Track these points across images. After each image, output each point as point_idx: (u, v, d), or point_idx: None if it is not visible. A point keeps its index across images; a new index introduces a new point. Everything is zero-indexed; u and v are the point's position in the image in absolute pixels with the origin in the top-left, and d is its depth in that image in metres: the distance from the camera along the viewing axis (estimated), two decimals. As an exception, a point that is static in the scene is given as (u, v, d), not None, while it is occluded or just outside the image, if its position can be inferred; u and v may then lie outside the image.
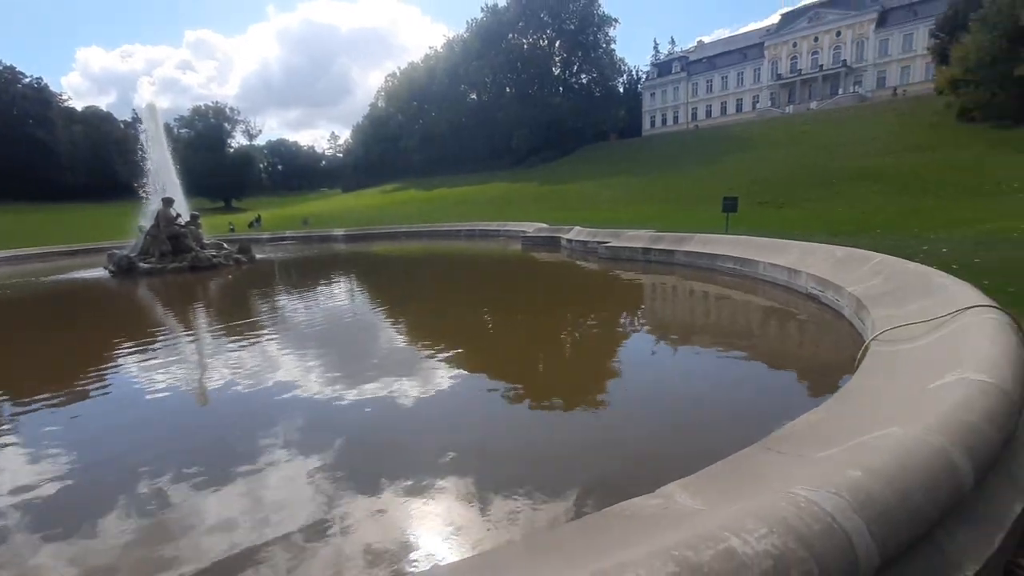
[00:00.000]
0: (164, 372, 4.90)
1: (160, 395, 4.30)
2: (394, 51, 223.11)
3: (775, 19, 66.61)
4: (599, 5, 69.48)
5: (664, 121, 76.04)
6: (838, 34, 58.59)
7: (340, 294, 10.12)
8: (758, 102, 65.29)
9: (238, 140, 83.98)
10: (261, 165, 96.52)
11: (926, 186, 19.49)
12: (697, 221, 16.60)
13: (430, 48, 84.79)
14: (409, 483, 2.61)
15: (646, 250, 10.68)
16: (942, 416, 1.80)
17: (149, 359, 5.42)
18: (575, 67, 73.04)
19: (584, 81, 72.57)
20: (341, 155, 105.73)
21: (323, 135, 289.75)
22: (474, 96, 77.78)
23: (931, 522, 1.50)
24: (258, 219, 42.47)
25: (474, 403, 3.93)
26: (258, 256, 17.56)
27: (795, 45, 62.01)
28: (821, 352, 4.96)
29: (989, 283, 5.77)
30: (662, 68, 77.43)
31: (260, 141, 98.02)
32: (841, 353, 4.27)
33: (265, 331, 6.55)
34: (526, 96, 68.52)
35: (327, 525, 2.30)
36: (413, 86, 79.80)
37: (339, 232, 28.61)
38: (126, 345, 6.10)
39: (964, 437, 1.73)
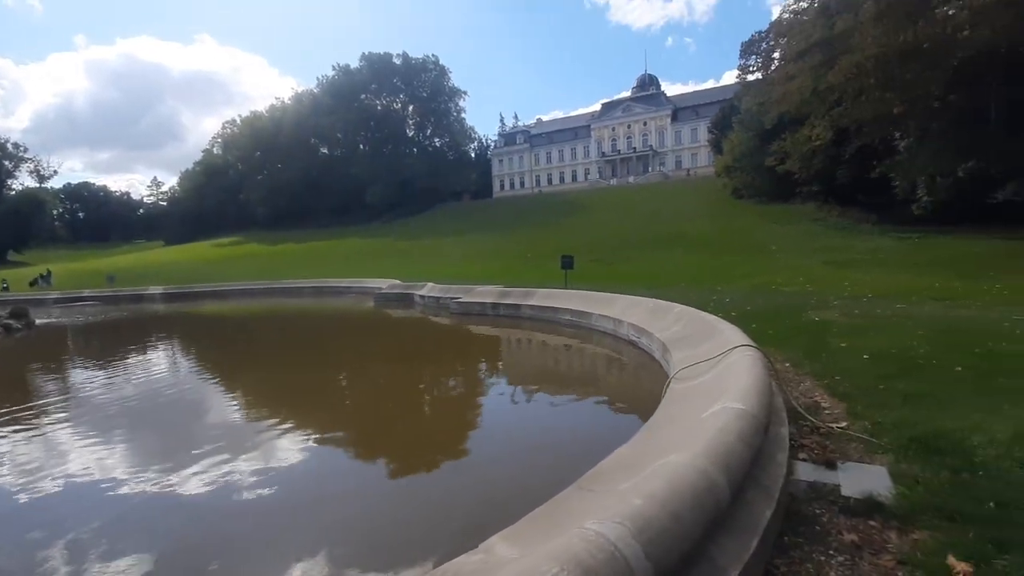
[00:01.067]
0: None
1: None
2: (235, 99, 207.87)
3: (598, 107, 78.31)
4: (449, 78, 74.31)
5: (512, 185, 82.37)
6: (645, 124, 71.14)
7: (154, 365, 8.61)
8: (589, 174, 74.91)
9: (23, 181, 69.25)
10: (55, 211, 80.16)
11: (717, 248, 24.00)
12: (541, 275, 17.94)
13: (277, 99, 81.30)
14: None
15: (495, 305, 11.18)
16: (707, 441, 2.19)
17: None
18: (428, 131, 76.03)
19: (438, 144, 75.67)
20: (165, 203, 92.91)
21: (142, 180, 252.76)
22: (326, 150, 75.72)
23: (699, 536, 1.77)
24: (46, 275, 34.55)
25: (323, 486, 3.59)
26: (41, 321, 14.22)
27: (614, 130, 73.51)
28: (639, 391, 5.65)
29: (756, 326, 7.24)
30: (508, 138, 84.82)
31: (56, 183, 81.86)
32: (654, 391, 4.91)
33: (41, 417, 5.25)
34: (380, 154, 68.90)
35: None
36: (257, 136, 74.84)
37: (156, 291, 24.59)
38: None
39: (722, 457, 2.12)
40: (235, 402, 5.98)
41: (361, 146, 72.16)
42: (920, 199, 19.57)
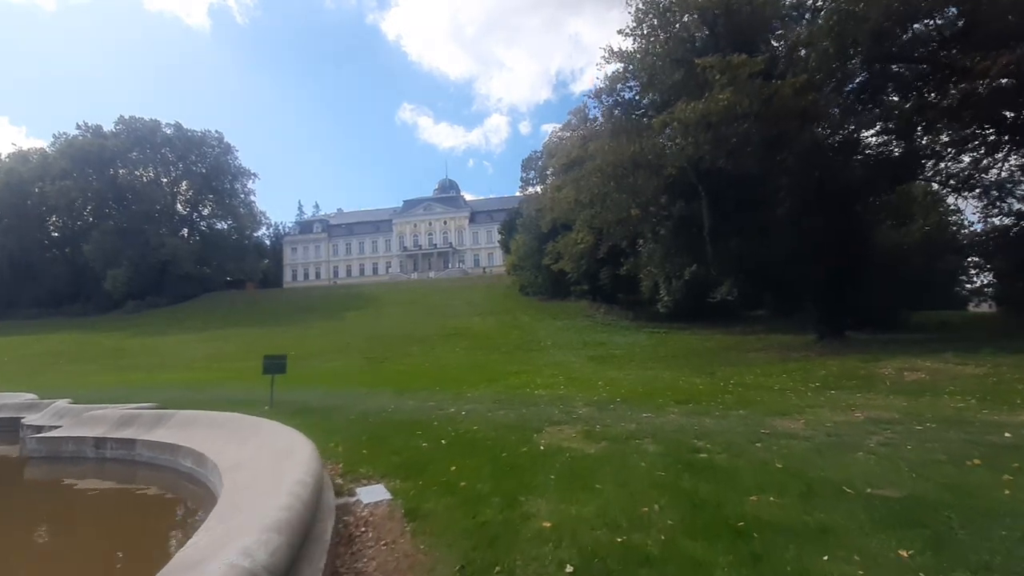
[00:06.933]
0: None
1: None
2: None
3: (400, 204, 78.62)
4: (236, 157, 66.59)
5: (306, 275, 75.30)
6: (445, 223, 73.45)
7: None
8: (390, 267, 72.75)
9: None
10: None
11: (497, 343, 22.91)
12: (287, 380, 13.73)
13: (-12, 152, 62.06)
14: None
15: (101, 441, 6.74)
16: None
17: None
18: (206, 211, 65.70)
19: (220, 227, 65.46)
20: None
21: None
22: (57, 220, 59.26)
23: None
24: None
25: None
26: None
27: (415, 226, 74.13)
28: None
29: (456, 467, 4.66)
30: (304, 226, 78.90)
31: None
32: None
33: None
34: (136, 231, 55.48)
35: None
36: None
37: None
38: None
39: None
40: None
41: (112, 221, 57.77)
42: (662, 298, 21.65)
